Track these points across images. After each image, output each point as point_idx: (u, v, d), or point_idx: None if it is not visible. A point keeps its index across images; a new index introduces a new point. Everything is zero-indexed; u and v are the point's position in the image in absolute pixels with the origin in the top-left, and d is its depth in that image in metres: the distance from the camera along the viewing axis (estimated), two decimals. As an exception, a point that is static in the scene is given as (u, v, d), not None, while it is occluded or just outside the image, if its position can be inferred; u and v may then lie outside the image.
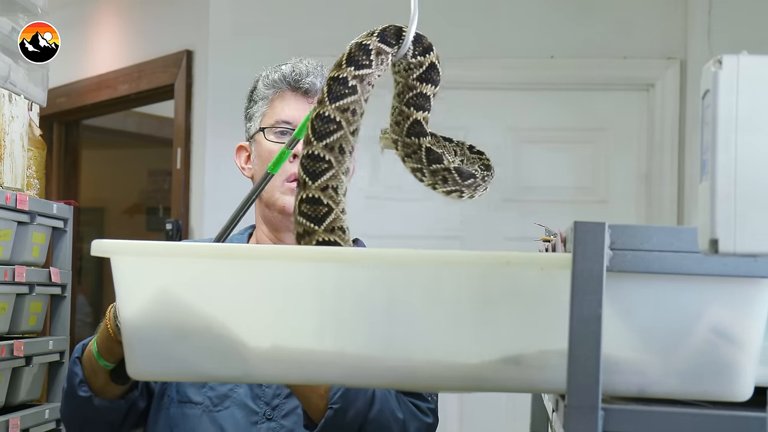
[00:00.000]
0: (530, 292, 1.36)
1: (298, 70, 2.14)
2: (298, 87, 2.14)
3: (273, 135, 2.13)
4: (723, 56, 1.10)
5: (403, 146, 1.59)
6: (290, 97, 2.14)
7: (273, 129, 2.14)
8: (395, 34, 1.57)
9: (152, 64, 5.12)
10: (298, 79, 2.13)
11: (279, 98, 2.15)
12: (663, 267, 1.27)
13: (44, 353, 3.22)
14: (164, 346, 1.41)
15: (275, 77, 2.15)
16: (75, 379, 1.95)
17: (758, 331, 1.29)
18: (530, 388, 1.48)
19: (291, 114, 2.13)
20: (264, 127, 2.14)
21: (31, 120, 3.22)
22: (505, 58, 4.57)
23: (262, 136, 2.14)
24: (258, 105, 2.18)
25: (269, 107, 2.16)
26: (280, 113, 2.14)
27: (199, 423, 2.06)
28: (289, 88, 2.15)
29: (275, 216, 2.14)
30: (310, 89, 2.13)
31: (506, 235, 4.45)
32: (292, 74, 2.14)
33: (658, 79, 4.48)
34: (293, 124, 2.12)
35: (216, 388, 2.07)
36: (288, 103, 2.14)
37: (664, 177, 4.44)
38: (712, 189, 1.09)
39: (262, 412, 2.07)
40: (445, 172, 1.59)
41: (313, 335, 1.39)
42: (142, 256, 1.41)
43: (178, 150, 4.89)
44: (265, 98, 2.16)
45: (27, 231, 3.11)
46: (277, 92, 2.15)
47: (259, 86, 2.18)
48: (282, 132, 2.13)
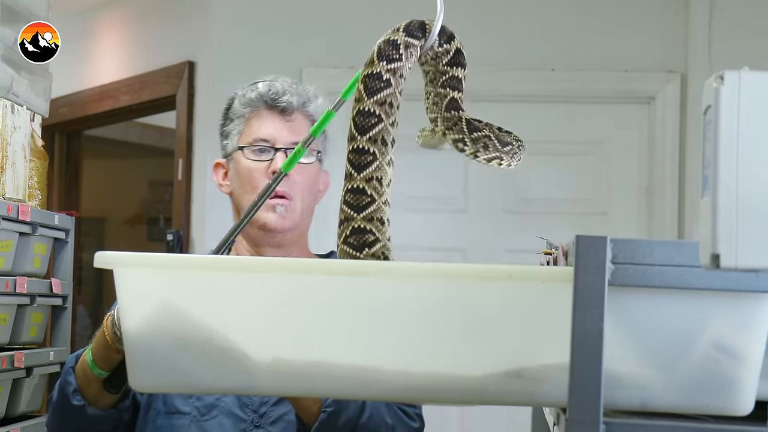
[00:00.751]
0: (532, 305, 1.36)
1: (274, 89, 2.18)
2: (274, 105, 2.17)
3: (252, 153, 2.17)
4: (725, 72, 1.10)
5: (444, 120, 1.70)
6: (267, 115, 2.18)
7: (251, 147, 2.17)
8: (420, 28, 1.65)
9: (154, 75, 5.13)
10: (274, 98, 2.17)
11: (256, 117, 2.18)
12: (665, 281, 1.27)
13: (45, 364, 3.21)
14: (166, 358, 1.41)
15: (252, 96, 2.19)
16: (68, 388, 1.96)
17: (759, 346, 1.29)
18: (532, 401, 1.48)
19: (268, 132, 2.16)
20: (243, 146, 2.17)
21: (34, 131, 3.22)
22: (506, 70, 4.57)
23: (240, 154, 2.18)
24: (234, 123, 2.21)
25: (246, 125, 2.19)
26: (258, 131, 2.17)
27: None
28: (265, 106, 2.18)
29: (256, 232, 2.17)
30: (287, 108, 2.17)
31: (507, 248, 4.45)
32: (269, 93, 2.18)
33: (659, 92, 4.48)
34: (271, 142, 2.15)
35: (203, 398, 2.08)
36: (265, 121, 2.17)
37: (665, 190, 4.44)
38: (713, 204, 1.09)
39: (250, 419, 2.08)
40: (486, 138, 1.68)
41: (315, 348, 1.39)
42: (145, 268, 1.41)
43: (180, 161, 4.89)
44: (241, 116, 2.20)
45: (28, 242, 3.11)
46: (253, 111, 2.19)
47: (235, 105, 2.22)
48: (260, 150, 2.16)
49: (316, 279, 1.38)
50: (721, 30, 4.30)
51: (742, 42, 4.27)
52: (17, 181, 3.04)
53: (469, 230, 4.57)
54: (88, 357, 1.93)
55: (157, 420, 2.09)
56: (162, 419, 2.09)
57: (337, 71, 4.58)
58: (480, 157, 1.68)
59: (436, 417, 4.20)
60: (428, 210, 4.57)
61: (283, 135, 2.16)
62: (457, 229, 4.58)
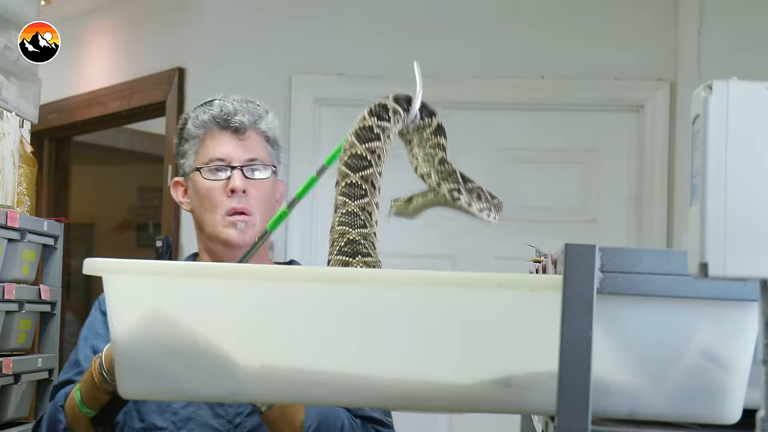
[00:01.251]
0: (521, 313, 1.36)
1: (225, 109, 2.23)
2: (228, 126, 2.22)
3: (209, 173, 2.22)
4: (713, 82, 1.10)
5: (438, 173, 1.78)
6: (219, 135, 2.23)
7: (208, 167, 2.22)
8: (406, 100, 1.79)
9: (144, 81, 5.12)
10: (227, 118, 2.22)
11: (210, 137, 2.23)
12: (653, 290, 1.28)
13: (33, 371, 3.20)
14: (155, 365, 1.41)
15: (205, 118, 2.24)
16: (59, 426, 2.04)
17: (747, 354, 1.30)
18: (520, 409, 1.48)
19: (223, 151, 2.22)
20: (199, 167, 2.22)
21: (23, 137, 3.22)
22: (495, 78, 4.58)
23: (198, 174, 2.23)
24: (189, 143, 2.26)
25: (201, 146, 2.24)
26: (213, 152, 2.22)
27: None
28: (218, 127, 2.23)
29: (218, 247, 2.22)
30: (240, 127, 2.22)
31: (496, 255, 4.45)
32: (222, 114, 2.22)
33: (648, 100, 4.49)
34: (227, 161, 2.20)
35: (179, 412, 2.12)
36: (219, 141, 2.22)
37: (654, 197, 4.45)
38: (702, 213, 1.10)
39: (225, 430, 2.11)
40: (479, 190, 1.80)
41: (303, 355, 1.39)
42: (134, 275, 1.41)
43: (170, 167, 4.88)
44: (196, 137, 2.25)
45: (17, 248, 3.10)
46: (207, 131, 2.24)
47: (189, 126, 2.26)
48: (217, 169, 2.21)
49: (304, 286, 1.39)
50: (710, 39, 4.31)
51: (731, 51, 4.28)
52: (6, 188, 3.04)
53: (459, 237, 4.57)
54: (77, 396, 1.99)
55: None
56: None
57: (327, 78, 4.58)
58: (473, 206, 1.79)
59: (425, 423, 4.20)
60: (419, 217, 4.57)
61: (237, 153, 2.22)
62: (446, 236, 4.58)
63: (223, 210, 2.19)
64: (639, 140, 4.51)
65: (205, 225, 2.22)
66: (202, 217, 2.23)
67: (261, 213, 2.22)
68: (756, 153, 1.10)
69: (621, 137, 4.55)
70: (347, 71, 4.60)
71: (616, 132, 4.55)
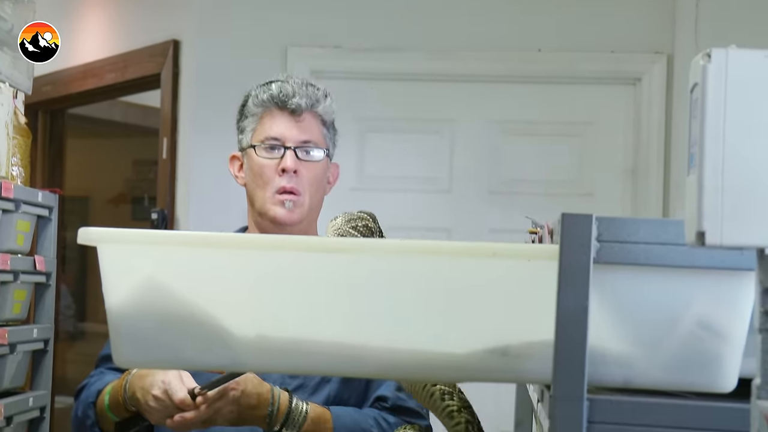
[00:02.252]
0: (517, 283, 1.36)
1: (285, 91, 2.31)
2: (285, 107, 2.31)
3: (263, 151, 2.30)
4: (712, 50, 1.10)
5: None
6: (278, 115, 2.31)
7: (263, 145, 2.30)
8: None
9: (139, 54, 5.10)
10: (285, 100, 2.30)
11: (268, 116, 2.32)
12: (649, 259, 1.28)
13: (29, 341, 3.21)
14: (150, 334, 1.41)
15: (264, 97, 2.32)
16: (87, 422, 2.18)
17: (743, 323, 1.30)
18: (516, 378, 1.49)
19: (279, 131, 2.30)
20: (255, 144, 2.31)
21: (17, 108, 3.20)
22: (492, 51, 4.57)
23: (253, 151, 2.32)
24: (249, 120, 2.35)
25: (259, 124, 2.33)
26: (269, 131, 2.31)
27: None
28: (276, 107, 2.32)
29: (266, 224, 2.30)
30: (296, 109, 2.30)
31: (491, 227, 4.46)
32: (280, 95, 2.31)
33: (645, 73, 4.49)
34: (281, 141, 2.29)
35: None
36: (276, 120, 2.31)
37: (650, 171, 4.45)
38: (699, 182, 1.09)
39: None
40: None
41: (299, 324, 1.39)
42: (128, 244, 1.41)
43: (165, 140, 4.87)
44: (255, 115, 2.34)
45: (11, 219, 3.09)
46: (265, 110, 2.33)
47: (249, 103, 2.36)
48: (271, 147, 2.30)
49: (299, 256, 1.38)
50: (707, 11, 4.30)
51: (728, 24, 4.27)
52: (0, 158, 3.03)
53: (454, 210, 4.58)
54: (106, 399, 2.15)
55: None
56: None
57: (322, 50, 4.57)
58: None
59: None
60: (414, 190, 4.57)
61: (292, 134, 2.30)
62: (442, 209, 4.58)
63: (274, 188, 2.27)
64: (636, 113, 4.51)
65: (255, 201, 2.30)
66: (253, 192, 2.32)
67: (310, 194, 2.30)
68: (754, 121, 1.09)
69: (618, 110, 4.54)
70: (343, 44, 4.59)
71: (613, 105, 4.55)
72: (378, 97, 4.56)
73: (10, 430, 3.11)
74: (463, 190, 4.59)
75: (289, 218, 2.27)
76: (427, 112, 4.59)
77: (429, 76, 4.56)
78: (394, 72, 4.52)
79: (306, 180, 2.28)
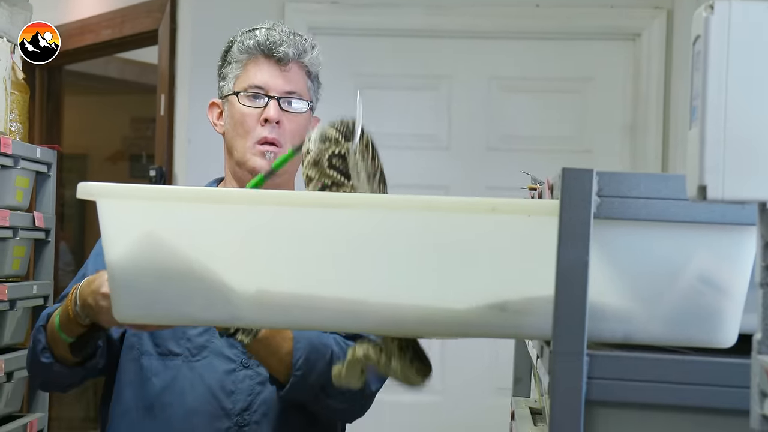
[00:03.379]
0: (517, 238, 1.36)
1: (272, 38, 2.23)
2: (271, 55, 2.23)
3: (246, 99, 2.22)
4: (715, 1, 1.09)
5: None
6: (263, 63, 2.23)
7: (246, 93, 2.23)
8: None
9: (136, 9, 5.07)
10: (271, 47, 2.22)
11: (253, 63, 2.24)
12: (650, 214, 1.28)
13: (28, 297, 3.22)
14: (150, 289, 1.42)
15: (250, 44, 2.24)
16: (38, 346, 2.07)
17: (744, 279, 1.30)
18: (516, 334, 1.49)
19: (263, 80, 2.22)
20: (238, 92, 2.23)
21: (14, 63, 3.19)
22: (489, 6, 4.54)
23: (235, 98, 2.24)
24: (232, 66, 2.26)
25: (243, 71, 2.25)
26: (253, 78, 2.23)
27: (179, 372, 2.14)
28: (262, 54, 2.23)
29: (245, 174, 2.21)
30: (283, 58, 2.22)
31: (489, 185, 4.45)
32: (266, 42, 2.23)
33: (645, 29, 4.46)
34: (265, 90, 2.21)
35: (193, 340, 2.15)
36: (261, 68, 2.23)
37: (648, 128, 4.44)
38: (701, 135, 1.09)
39: (239, 360, 2.14)
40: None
41: (298, 280, 1.39)
42: (128, 199, 1.41)
43: (162, 96, 4.86)
44: (239, 62, 2.25)
45: (10, 175, 3.09)
46: (250, 57, 2.24)
47: (234, 49, 2.27)
48: (254, 96, 2.22)
49: (297, 211, 1.38)
50: (708, -33, 4.27)
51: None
52: (-2, 114, 3.02)
53: (453, 168, 4.57)
54: (56, 321, 2.02)
55: (143, 360, 2.15)
56: (152, 360, 2.15)
57: (320, 6, 4.54)
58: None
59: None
60: (412, 147, 4.56)
61: (277, 83, 2.23)
62: (440, 166, 4.58)
63: (255, 138, 2.20)
64: (635, 69, 4.49)
65: (235, 150, 2.23)
66: (233, 141, 2.24)
67: (292, 146, 2.20)
68: (757, 74, 1.09)
69: (617, 66, 4.52)
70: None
71: (612, 61, 4.53)
72: (375, 52, 4.54)
73: (11, 385, 3.13)
74: (461, 147, 4.58)
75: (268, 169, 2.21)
76: (424, 68, 4.57)
77: (426, 32, 4.54)
78: (391, 28, 4.50)
79: (288, 131, 2.21)
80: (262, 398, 2.13)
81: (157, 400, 2.13)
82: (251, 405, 2.12)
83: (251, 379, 2.13)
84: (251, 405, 2.12)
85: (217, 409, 2.12)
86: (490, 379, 4.41)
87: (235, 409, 2.12)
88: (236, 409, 2.12)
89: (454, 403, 4.49)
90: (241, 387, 2.13)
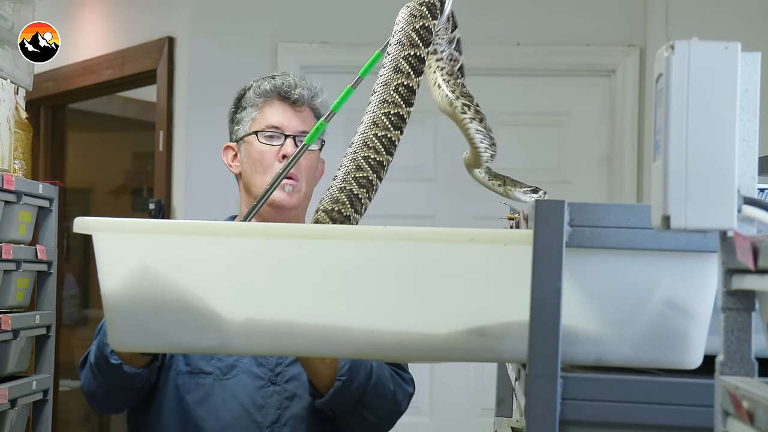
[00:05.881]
0: (494, 266, 1.40)
1: (287, 82, 2.37)
2: (287, 97, 2.37)
3: (264, 138, 2.35)
4: (675, 42, 1.13)
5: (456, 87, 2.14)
6: (278, 105, 2.37)
7: (264, 133, 2.35)
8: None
9: (135, 50, 5.14)
10: (288, 90, 2.37)
11: (268, 106, 2.38)
12: (619, 242, 1.31)
13: (31, 327, 3.27)
14: (143, 319, 1.45)
15: (267, 87, 2.38)
16: (107, 349, 2.14)
17: (708, 303, 1.33)
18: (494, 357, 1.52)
19: (280, 120, 2.36)
20: (257, 131, 2.35)
21: (18, 103, 3.26)
22: (473, 45, 4.57)
23: (254, 138, 2.36)
24: (247, 111, 2.39)
25: (259, 113, 2.38)
26: (270, 119, 2.36)
27: (212, 389, 2.26)
28: (278, 97, 2.37)
29: (265, 209, 2.29)
30: (298, 99, 2.37)
31: (475, 215, 4.50)
32: (283, 86, 2.37)
33: (619, 65, 4.58)
34: (281, 129, 2.35)
35: (224, 359, 2.28)
36: (277, 110, 2.37)
37: (624, 159, 4.54)
38: (664, 168, 1.12)
39: (267, 377, 2.27)
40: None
41: (284, 308, 1.42)
42: (122, 233, 1.44)
43: (161, 133, 4.92)
44: (254, 105, 2.38)
45: (14, 210, 3.15)
46: (266, 101, 2.38)
47: (249, 94, 2.40)
48: (272, 136, 2.35)
49: (285, 243, 1.42)
50: (678, 6, 4.37)
51: (699, 17, 4.34)
52: (2, 152, 3.08)
53: (439, 198, 4.65)
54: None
55: (178, 379, 2.28)
56: (185, 378, 2.28)
57: (311, 46, 4.63)
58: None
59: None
60: (399, 179, 4.61)
61: (293, 123, 2.36)
62: (427, 197, 4.66)
63: (274, 173, 2.29)
64: (610, 104, 4.60)
65: (254, 186, 2.34)
66: (251, 179, 2.35)
67: (307, 181, 2.36)
68: (715, 110, 1.12)
69: (593, 101, 4.63)
70: (332, 39, 4.64)
71: (589, 96, 4.64)
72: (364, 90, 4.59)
73: (15, 412, 3.17)
74: (447, 178, 4.65)
75: (288, 202, 2.32)
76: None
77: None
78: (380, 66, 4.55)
79: (303, 167, 2.33)
80: (290, 412, 2.25)
81: (192, 415, 2.25)
82: (280, 418, 2.25)
83: (279, 395, 2.26)
84: (280, 418, 2.25)
85: (249, 422, 2.24)
86: (476, 401, 4.48)
87: (266, 422, 2.24)
88: (267, 421, 2.24)
89: (442, 424, 4.55)
90: (270, 402, 2.25)
